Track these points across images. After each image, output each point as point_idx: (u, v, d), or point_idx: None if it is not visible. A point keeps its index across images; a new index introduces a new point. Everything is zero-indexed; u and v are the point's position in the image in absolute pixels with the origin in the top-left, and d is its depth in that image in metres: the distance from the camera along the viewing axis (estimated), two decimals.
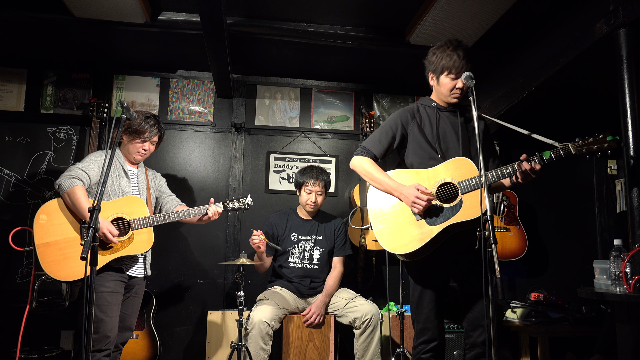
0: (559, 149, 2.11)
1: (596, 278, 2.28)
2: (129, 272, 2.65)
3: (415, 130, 2.33)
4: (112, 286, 2.55)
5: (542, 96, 3.53)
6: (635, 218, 2.29)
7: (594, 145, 2.10)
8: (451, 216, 2.17)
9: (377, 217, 2.30)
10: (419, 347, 2.33)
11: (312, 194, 3.35)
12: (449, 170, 2.23)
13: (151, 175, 2.96)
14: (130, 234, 2.59)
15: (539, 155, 2.13)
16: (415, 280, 2.34)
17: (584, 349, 3.60)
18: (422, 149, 2.31)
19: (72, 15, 3.08)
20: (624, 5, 2.41)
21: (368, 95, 4.23)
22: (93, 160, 2.66)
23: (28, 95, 3.84)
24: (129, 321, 2.70)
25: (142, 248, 2.61)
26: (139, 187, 2.80)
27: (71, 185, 2.49)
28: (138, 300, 2.77)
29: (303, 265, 3.37)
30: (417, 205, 2.17)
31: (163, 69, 4.00)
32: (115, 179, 2.67)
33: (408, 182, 2.25)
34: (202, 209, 2.79)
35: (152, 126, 2.74)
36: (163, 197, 2.97)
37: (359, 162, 2.36)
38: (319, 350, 3.16)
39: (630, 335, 2.08)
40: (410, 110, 2.39)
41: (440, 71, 2.27)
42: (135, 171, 2.83)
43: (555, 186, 4.35)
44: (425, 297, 2.29)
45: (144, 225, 2.62)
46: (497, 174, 2.15)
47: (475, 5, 2.86)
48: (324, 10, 3.16)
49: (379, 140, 2.36)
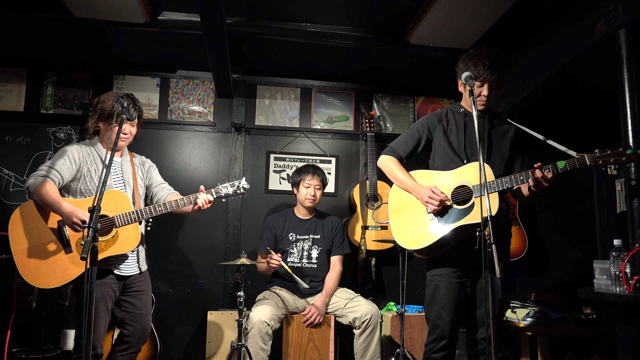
0: (575, 159, 2.13)
1: (596, 278, 2.28)
2: (120, 272, 2.46)
3: (440, 135, 2.42)
4: (101, 291, 2.36)
5: (542, 96, 3.53)
6: (635, 218, 2.29)
7: (612, 158, 2.07)
8: (462, 217, 2.23)
9: (395, 213, 2.42)
10: (429, 345, 2.36)
11: (310, 188, 3.37)
12: (467, 173, 2.29)
13: (137, 162, 2.70)
14: (114, 232, 2.37)
15: (554, 164, 2.15)
16: (429, 276, 2.40)
17: (584, 349, 3.59)
18: (445, 153, 2.40)
19: (72, 15, 3.08)
20: (624, 5, 2.41)
21: (368, 95, 4.23)
22: (63, 156, 2.41)
23: (28, 95, 3.84)
24: (145, 320, 2.55)
25: (129, 246, 2.41)
26: (124, 178, 2.56)
27: (37, 184, 2.30)
28: (147, 298, 2.60)
29: (302, 265, 3.37)
30: (430, 205, 2.27)
31: (163, 69, 4.00)
32: (94, 172, 2.46)
33: (427, 182, 2.35)
34: (192, 198, 2.51)
35: (128, 106, 2.39)
36: (154, 186, 2.71)
37: (385, 160, 2.50)
38: (319, 350, 3.16)
39: (630, 335, 2.08)
40: (439, 115, 2.49)
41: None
42: (119, 160, 2.59)
43: (555, 186, 4.28)
44: (438, 294, 2.34)
45: (128, 221, 2.38)
46: (510, 180, 2.19)
47: (475, 6, 2.86)
48: (324, 10, 3.16)
49: (405, 141, 2.49)
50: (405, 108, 4.26)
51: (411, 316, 3.40)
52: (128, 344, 2.52)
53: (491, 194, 2.16)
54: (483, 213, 1.86)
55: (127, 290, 2.52)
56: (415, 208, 2.36)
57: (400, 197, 2.43)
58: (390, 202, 2.45)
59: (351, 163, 4.16)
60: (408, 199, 2.39)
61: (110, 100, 2.47)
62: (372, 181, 3.76)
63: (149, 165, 2.75)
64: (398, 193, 2.45)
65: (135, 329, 2.52)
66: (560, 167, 2.13)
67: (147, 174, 2.72)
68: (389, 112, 4.24)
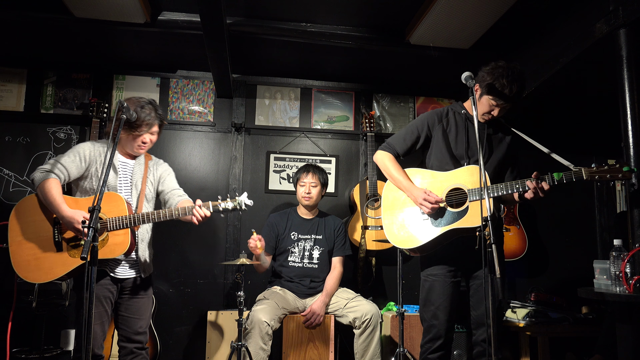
0: (572, 172, 2.13)
1: (596, 278, 2.28)
2: (114, 275, 2.37)
3: (439, 134, 2.41)
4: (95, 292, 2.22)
5: (542, 96, 3.53)
6: (635, 218, 2.29)
7: (608, 174, 2.10)
8: (456, 220, 2.23)
9: (387, 210, 2.40)
10: (426, 345, 2.35)
11: (305, 186, 3.37)
12: (462, 176, 2.29)
13: (152, 165, 2.60)
14: (104, 235, 2.29)
15: (551, 176, 2.15)
16: (424, 276, 2.40)
17: (584, 349, 3.59)
18: (442, 153, 2.39)
19: (72, 15, 3.08)
20: (624, 5, 2.41)
21: (368, 95, 4.23)
22: (74, 152, 2.37)
23: (28, 95, 3.84)
24: (136, 325, 2.45)
25: (116, 252, 2.29)
26: (132, 180, 2.48)
27: (42, 179, 2.27)
28: (142, 303, 2.49)
29: (303, 265, 3.37)
30: (424, 207, 2.26)
31: (163, 69, 4.00)
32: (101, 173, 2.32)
33: (423, 181, 2.35)
34: (188, 210, 2.38)
35: (149, 115, 2.37)
36: (166, 192, 2.61)
37: (381, 156, 2.48)
38: (319, 350, 3.16)
39: (630, 335, 2.08)
40: (439, 114, 2.46)
41: (488, 92, 2.28)
42: (131, 163, 2.52)
43: (555, 186, 4.33)
44: (433, 293, 2.33)
45: (119, 226, 2.29)
46: (506, 187, 2.19)
47: (475, 6, 2.86)
48: (324, 10, 3.16)
49: (404, 138, 2.47)
50: (405, 108, 4.26)
51: (411, 316, 3.40)
52: (124, 349, 2.45)
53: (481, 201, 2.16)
54: (483, 214, 1.86)
55: (122, 293, 2.44)
56: (408, 207, 2.35)
57: (394, 194, 2.42)
58: (384, 199, 2.44)
59: (351, 163, 4.16)
60: (401, 196, 2.39)
61: (133, 106, 2.41)
62: (372, 181, 3.76)
63: (162, 170, 2.64)
64: (392, 190, 2.44)
65: (125, 333, 2.44)
66: (557, 178, 2.15)
67: (159, 178, 2.62)
68: (389, 112, 4.24)
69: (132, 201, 2.47)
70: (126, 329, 2.45)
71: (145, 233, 2.53)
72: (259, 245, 2.99)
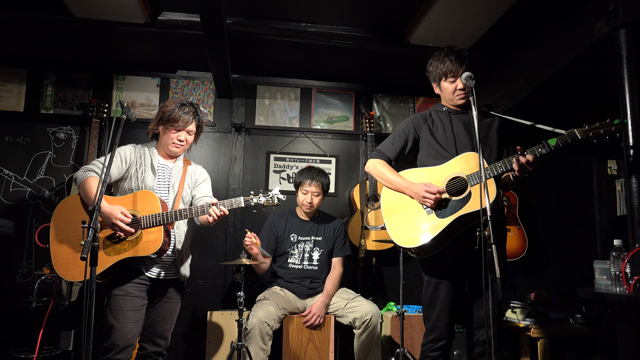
0: (565, 135, 2.11)
1: (596, 278, 2.28)
2: (152, 275, 2.40)
3: (427, 134, 2.42)
4: (128, 289, 2.32)
5: (542, 96, 3.53)
6: (635, 218, 2.29)
7: (601, 129, 2.07)
8: (460, 208, 2.21)
9: (389, 214, 2.39)
10: (427, 345, 2.36)
11: (307, 195, 3.35)
12: (458, 165, 2.28)
13: (190, 170, 2.64)
14: (138, 233, 2.32)
15: (546, 142, 2.12)
16: (428, 278, 2.39)
17: (584, 349, 3.60)
18: (434, 149, 2.39)
19: (72, 15, 3.08)
20: (624, 5, 2.41)
21: (368, 95, 4.23)
22: (116, 154, 2.40)
23: (28, 95, 3.84)
24: (160, 328, 2.44)
25: (149, 249, 2.30)
26: (170, 182, 2.52)
27: (84, 177, 2.31)
28: (171, 306, 2.49)
29: (302, 266, 3.36)
30: (427, 201, 2.24)
31: (163, 69, 4.00)
32: (140, 173, 2.45)
33: (419, 179, 2.33)
34: (205, 209, 2.37)
35: (187, 113, 2.46)
36: (196, 197, 2.61)
37: (373, 164, 2.47)
38: (319, 350, 3.16)
39: (630, 335, 2.08)
40: (423, 115, 2.50)
41: (439, 78, 2.41)
42: (170, 165, 2.56)
43: (555, 186, 4.35)
44: (437, 295, 2.33)
45: (152, 223, 2.32)
46: (503, 164, 2.17)
47: (475, 6, 2.86)
48: (324, 10, 3.16)
49: (392, 143, 2.48)
50: (405, 108, 4.26)
51: (411, 316, 3.40)
52: (143, 349, 2.43)
53: (487, 179, 2.14)
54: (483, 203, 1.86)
55: (155, 295, 2.44)
56: (410, 206, 2.33)
57: (393, 197, 2.40)
58: (383, 205, 2.42)
59: (351, 163, 4.16)
60: (401, 198, 2.37)
61: (172, 104, 2.48)
62: (372, 181, 3.76)
63: (199, 176, 2.66)
64: (390, 194, 2.42)
65: (147, 334, 2.43)
66: (552, 144, 2.11)
67: (195, 183, 2.64)
68: (389, 112, 4.24)
69: (169, 202, 2.49)
70: (150, 329, 2.44)
71: (182, 235, 2.54)
72: (255, 242, 2.98)
